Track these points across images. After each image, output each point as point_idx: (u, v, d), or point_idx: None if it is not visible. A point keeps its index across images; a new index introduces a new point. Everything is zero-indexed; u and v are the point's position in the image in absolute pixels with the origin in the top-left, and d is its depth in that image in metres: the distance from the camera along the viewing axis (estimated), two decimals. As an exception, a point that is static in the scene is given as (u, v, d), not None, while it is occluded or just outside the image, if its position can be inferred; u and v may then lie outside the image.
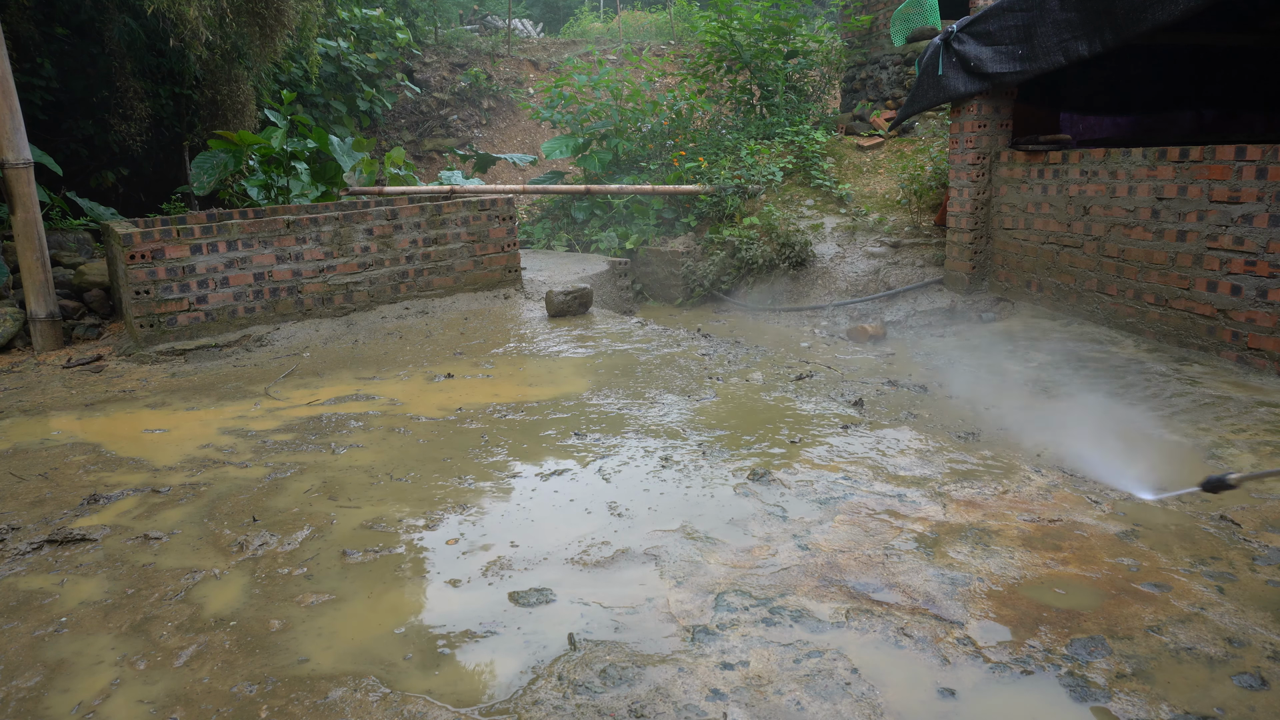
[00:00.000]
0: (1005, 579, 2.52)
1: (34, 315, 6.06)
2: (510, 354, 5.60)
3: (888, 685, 2.07)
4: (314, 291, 6.23)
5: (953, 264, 6.72)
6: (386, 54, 13.02)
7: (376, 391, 4.84)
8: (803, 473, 3.36)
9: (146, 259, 5.62)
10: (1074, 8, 5.27)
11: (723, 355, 5.35)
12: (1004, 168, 6.27)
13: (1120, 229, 5.20)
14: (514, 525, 3.02)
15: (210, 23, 7.23)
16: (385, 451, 3.82)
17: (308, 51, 9.07)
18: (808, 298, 7.40)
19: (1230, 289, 4.47)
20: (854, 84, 11.43)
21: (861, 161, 8.96)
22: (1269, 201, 4.23)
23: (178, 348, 5.73)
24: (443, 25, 16.66)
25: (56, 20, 7.97)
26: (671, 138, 10.12)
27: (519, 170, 14.28)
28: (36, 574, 2.82)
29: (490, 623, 2.40)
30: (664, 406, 4.30)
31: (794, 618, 2.36)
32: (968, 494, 3.14)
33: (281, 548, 2.91)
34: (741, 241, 7.88)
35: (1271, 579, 2.48)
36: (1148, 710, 1.95)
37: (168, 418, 4.52)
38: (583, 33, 19.10)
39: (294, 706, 2.07)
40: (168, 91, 8.91)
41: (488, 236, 6.89)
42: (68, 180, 8.29)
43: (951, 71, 6.16)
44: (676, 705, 2.01)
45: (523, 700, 2.06)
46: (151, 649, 2.34)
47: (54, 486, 3.57)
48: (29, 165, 6.01)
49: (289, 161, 8.32)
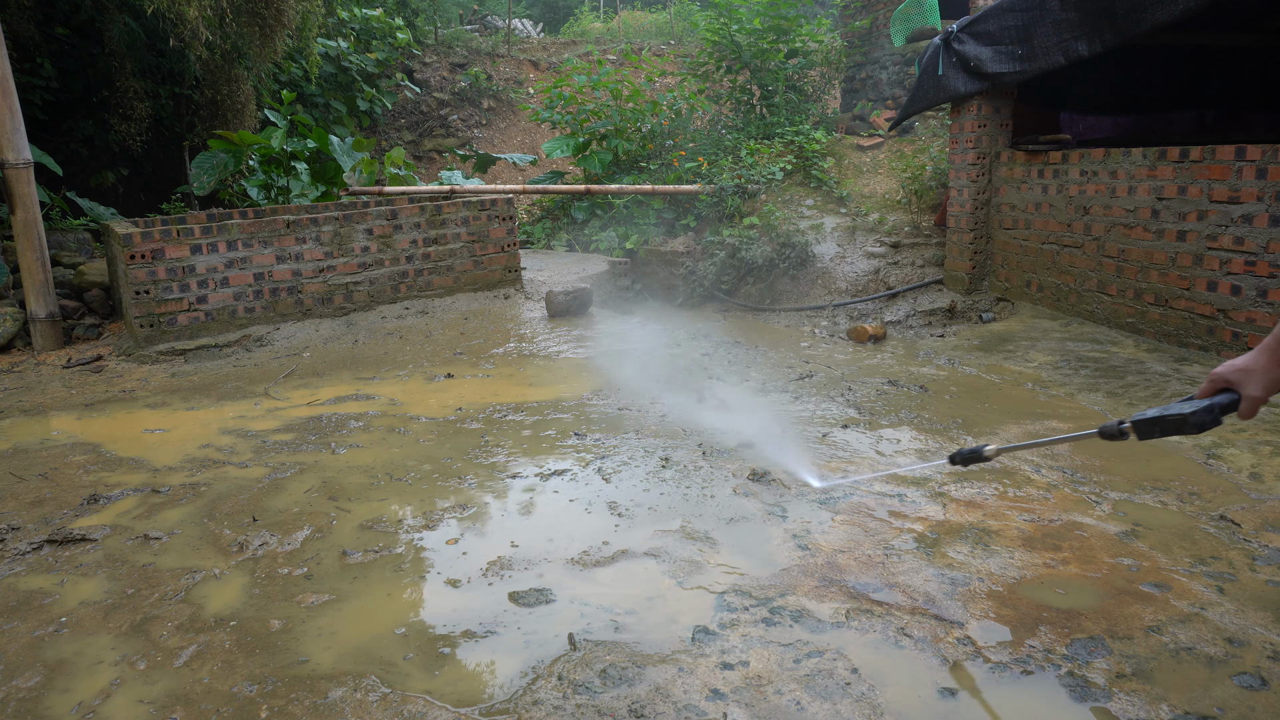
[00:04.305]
0: (1005, 579, 2.52)
1: (34, 315, 6.06)
2: (510, 354, 5.60)
3: (888, 685, 2.07)
4: (314, 291, 6.23)
5: (953, 264, 6.72)
6: (386, 54, 13.02)
7: (376, 391, 4.84)
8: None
9: (146, 259, 5.62)
10: (1074, 8, 5.27)
11: (723, 355, 5.35)
12: (1004, 168, 6.27)
13: (1120, 229, 5.20)
14: (514, 525, 3.02)
15: (210, 23, 7.23)
16: (385, 451, 3.82)
17: (308, 51, 9.07)
18: (808, 298, 7.40)
19: (1230, 289, 4.47)
20: (854, 84, 11.42)
21: (861, 161, 8.96)
22: (1269, 201, 4.23)
23: (178, 348, 5.73)
24: (443, 25, 16.66)
25: (56, 20, 7.98)
26: (671, 138, 10.11)
27: (519, 170, 14.28)
28: (36, 574, 2.82)
29: (490, 623, 2.40)
30: (664, 406, 4.30)
31: (794, 618, 2.36)
32: (968, 494, 3.14)
33: (281, 548, 2.91)
34: (741, 242, 7.88)
35: (1271, 579, 2.48)
36: (1148, 710, 1.95)
37: (168, 418, 4.52)
38: (583, 33, 19.09)
39: (294, 706, 2.07)
40: (168, 91, 8.92)
41: (488, 236, 6.90)
42: (68, 180, 8.30)
43: (951, 71, 6.15)
44: (676, 705, 2.01)
45: (523, 700, 2.06)
46: (151, 649, 2.34)
47: (54, 486, 3.57)
48: (29, 165, 6.01)
49: (289, 161, 8.32)
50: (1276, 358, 1.52)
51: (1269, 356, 1.52)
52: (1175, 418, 1.59)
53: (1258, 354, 1.54)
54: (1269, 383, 1.52)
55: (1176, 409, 1.60)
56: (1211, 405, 1.56)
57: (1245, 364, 1.54)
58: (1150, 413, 1.67)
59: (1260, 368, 1.52)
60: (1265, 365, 1.52)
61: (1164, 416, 1.62)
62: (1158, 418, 1.64)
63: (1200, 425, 1.56)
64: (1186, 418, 1.57)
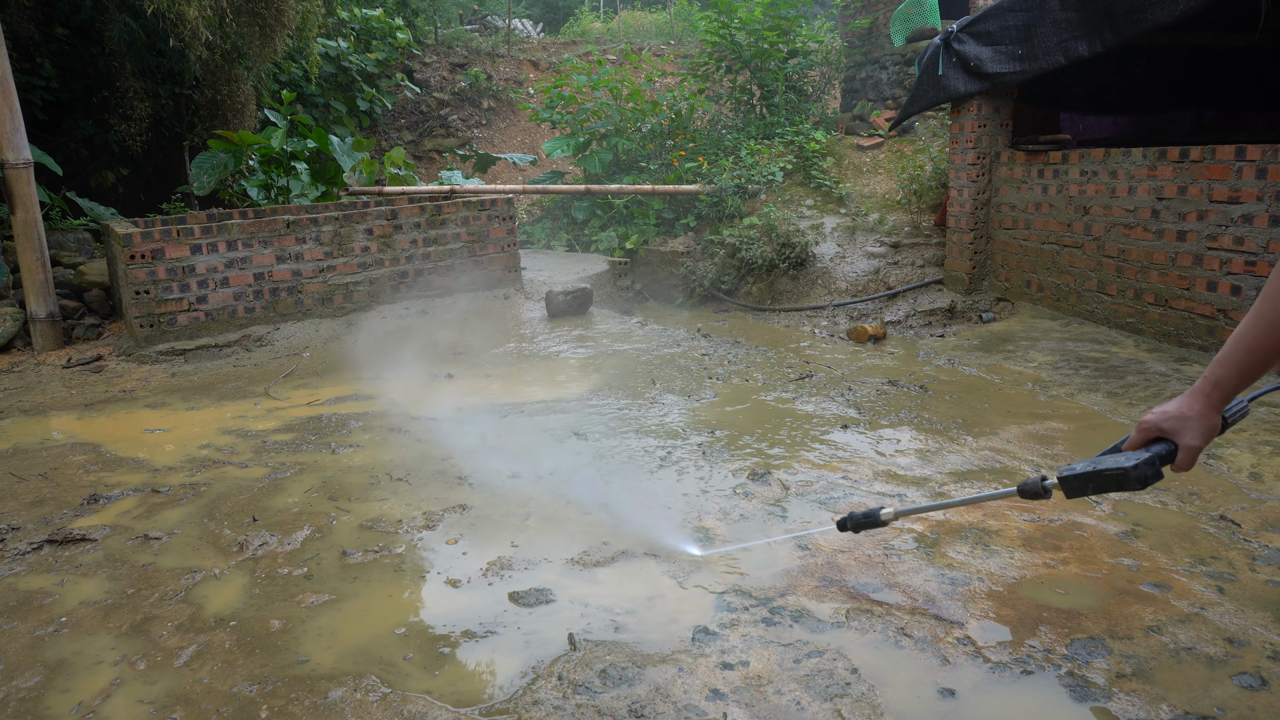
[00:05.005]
0: (1005, 579, 2.52)
1: (34, 315, 6.06)
2: (510, 354, 5.60)
3: (888, 685, 2.07)
4: (314, 291, 6.23)
5: (953, 264, 6.72)
6: (386, 54, 13.01)
7: (376, 391, 4.84)
8: (803, 473, 3.36)
9: (146, 259, 5.62)
10: (1074, 8, 5.27)
11: (723, 355, 5.35)
12: (1004, 168, 6.27)
13: (1120, 229, 5.20)
14: (513, 525, 3.02)
15: (210, 23, 7.23)
16: (385, 451, 3.82)
17: (308, 51, 9.07)
18: (808, 298, 7.40)
19: (1230, 289, 4.47)
20: (854, 84, 11.42)
21: (861, 161, 8.96)
22: (1269, 201, 4.23)
23: (178, 348, 5.72)
24: (443, 25, 16.65)
25: (56, 20, 7.97)
26: (671, 138, 10.11)
27: (519, 170, 14.28)
28: (36, 574, 2.82)
29: (490, 623, 2.40)
30: (664, 407, 4.30)
31: (794, 618, 2.36)
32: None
33: (281, 548, 2.91)
34: (741, 241, 7.88)
35: (1271, 579, 2.48)
36: (1148, 710, 1.95)
37: (168, 418, 4.52)
38: (583, 33, 19.08)
39: (294, 706, 2.07)
40: (168, 91, 8.91)
41: (488, 236, 6.89)
42: (68, 180, 8.29)
43: (951, 71, 6.15)
44: (676, 705, 2.01)
45: (523, 700, 2.06)
46: (151, 649, 2.34)
47: (54, 486, 3.57)
48: (29, 165, 6.01)
49: (289, 161, 8.31)
50: (1212, 402, 1.40)
51: (1204, 401, 1.40)
52: (1113, 473, 1.42)
53: (1190, 399, 1.42)
54: (1206, 429, 1.40)
55: (1111, 463, 1.43)
56: (1152, 458, 1.41)
57: (1179, 410, 1.41)
58: (1079, 467, 1.47)
59: (1196, 414, 1.40)
60: (1201, 411, 1.40)
61: (1098, 472, 1.44)
62: (1090, 473, 1.45)
63: (1143, 480, 1.40)
64: (1128, 472, 1.40)
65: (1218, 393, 1.40)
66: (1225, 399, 1.40)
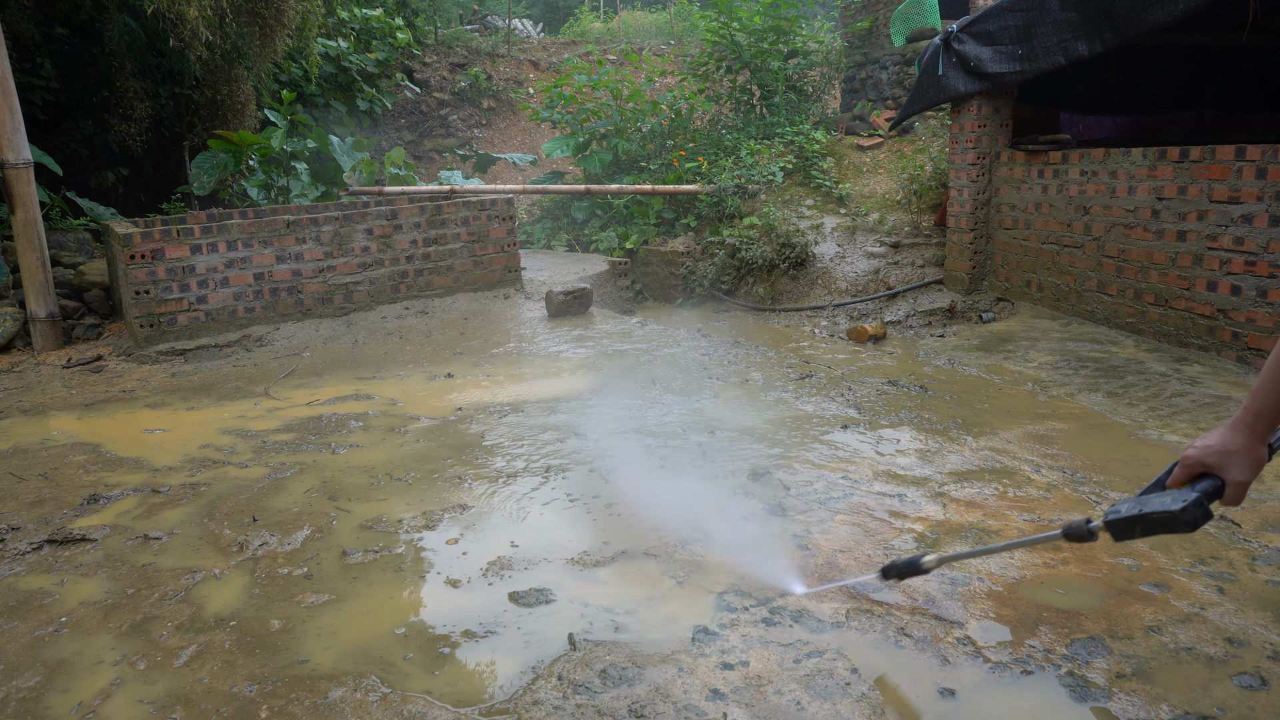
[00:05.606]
0: (1005, 579, 2.52)
1: (34, 315, 6.06)
2: (510, 354, 5.60)
3: (888, 685, 2.07)
4: (314, 291, 6.23)
5: (953, 264, 6.72)
6: (386, 54, 13.01)
7: (376, 391, 4.84)
8: (803, 473, 3.36)
9: (146, 259, 5.62)
10: (1074, 8, 5.27)
11: (723, 355, 5.35)
12: (1004, 168, 6.27)
13: (1120, 229, 5.20)
14: (514, 525, 3.02)
15: (210, 23, 7.23)
16: (385, 451, 3.82)
17: (308, 51, 9.07)
18: (808, 298, 7.40)
19: (1230, 289, 4.47)
20: (854, 84, 11.42)
21: (861, 161, 8.96)
22: (1269, 201, 4.23)
23: (178, 348, 5.72)
24: (443, 25, 16.65)
25: (56, 20, 7.97)
26: (671, 138, 10.11)
27: (519, 170, 14.28)
28: (36, 574, 2.82)
29: (490, 623, 2.40)
30: (664, 406, 4.30)
31: (794, 618, 2.36)
32: (968, 494, 3.14)
33: (281, 548, 2.91)
34: (741, 242, 7.88)
35: (1271, 579, 2.48)
36: (1148, 710, 1.95)
37: (168, 418, 4.52)
38: (583, 33, 19.08)
39: (294, 706, 2.07)
40: (168, 91, 8.91)
41: (488, 236, 6.89)
42: (68, 180, 8.29)
43: (951, 71, 6.15)
44: (676, 705, 2.01)
45: (523, 700, 2.06)
46: (151, 649, 2.34)
47: (54, 486, 3.57)
48: (29, 165, 6.01)
49: (289, 161, 8.32)
50: (1256, 434, 1.34)
51: (1247, 434, 1.34)
52: (1161, 516, 1.36)
53: (1233, 432, 1.35)
54: (1254, 462, 1.33)
55: (1158, 504, 1.37)
56: (1200, 498, 1.35)
57: (1223, 445, 1.35)
58: (1124, 509, 1.41)
59: (1240, 448, 1.33)
60: (1246, 444, 1.33)
61: (1145, 515, 1.37)
62: (1138, 516, 1.38)
63: (1192, 523, 1.34)
64: (1176, 515, 1.33)
65: (1260, 423, 1.35)
66: (1270, 429, 1.36)
